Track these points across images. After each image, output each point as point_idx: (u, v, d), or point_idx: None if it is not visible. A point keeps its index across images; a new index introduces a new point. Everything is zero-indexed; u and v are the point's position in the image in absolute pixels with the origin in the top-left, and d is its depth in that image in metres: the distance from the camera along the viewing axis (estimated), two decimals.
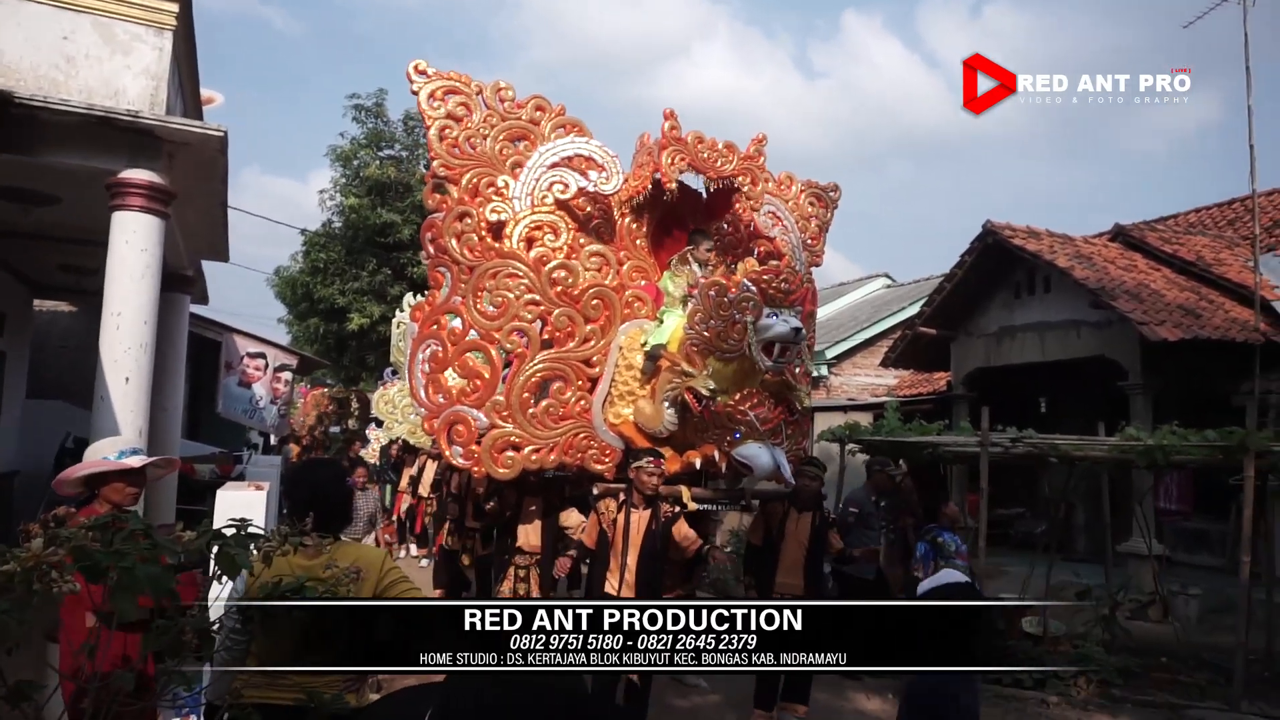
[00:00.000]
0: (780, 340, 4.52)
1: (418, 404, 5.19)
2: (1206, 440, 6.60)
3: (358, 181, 19.74)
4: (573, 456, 5.13)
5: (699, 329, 4.70)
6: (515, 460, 4.94)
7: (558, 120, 5.51)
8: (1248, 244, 11.25)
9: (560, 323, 5.11)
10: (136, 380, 5.13)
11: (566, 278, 5.14)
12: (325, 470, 3.23)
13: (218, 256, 8.33)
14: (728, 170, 5.44)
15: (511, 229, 5.16)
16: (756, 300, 4.51)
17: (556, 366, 5.11)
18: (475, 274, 5.00)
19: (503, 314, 4.99)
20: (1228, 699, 6.20)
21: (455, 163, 5.19)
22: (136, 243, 5.19)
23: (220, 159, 5.60)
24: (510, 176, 5.25)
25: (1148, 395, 9.88)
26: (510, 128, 5.37)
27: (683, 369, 4.81)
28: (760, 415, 4.81)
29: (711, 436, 4.96)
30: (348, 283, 19.43)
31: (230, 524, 1.99)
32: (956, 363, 12.68)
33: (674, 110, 5.30)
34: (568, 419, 5.12)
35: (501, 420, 4.93)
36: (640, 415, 5.12)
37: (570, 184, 5.35)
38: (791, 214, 6.04)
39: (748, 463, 4.84)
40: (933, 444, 8.24)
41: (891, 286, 20.55)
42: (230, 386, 11.65)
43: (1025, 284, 11.65)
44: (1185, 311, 9.94)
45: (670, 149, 5.22)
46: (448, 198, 5.25)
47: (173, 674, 2.06)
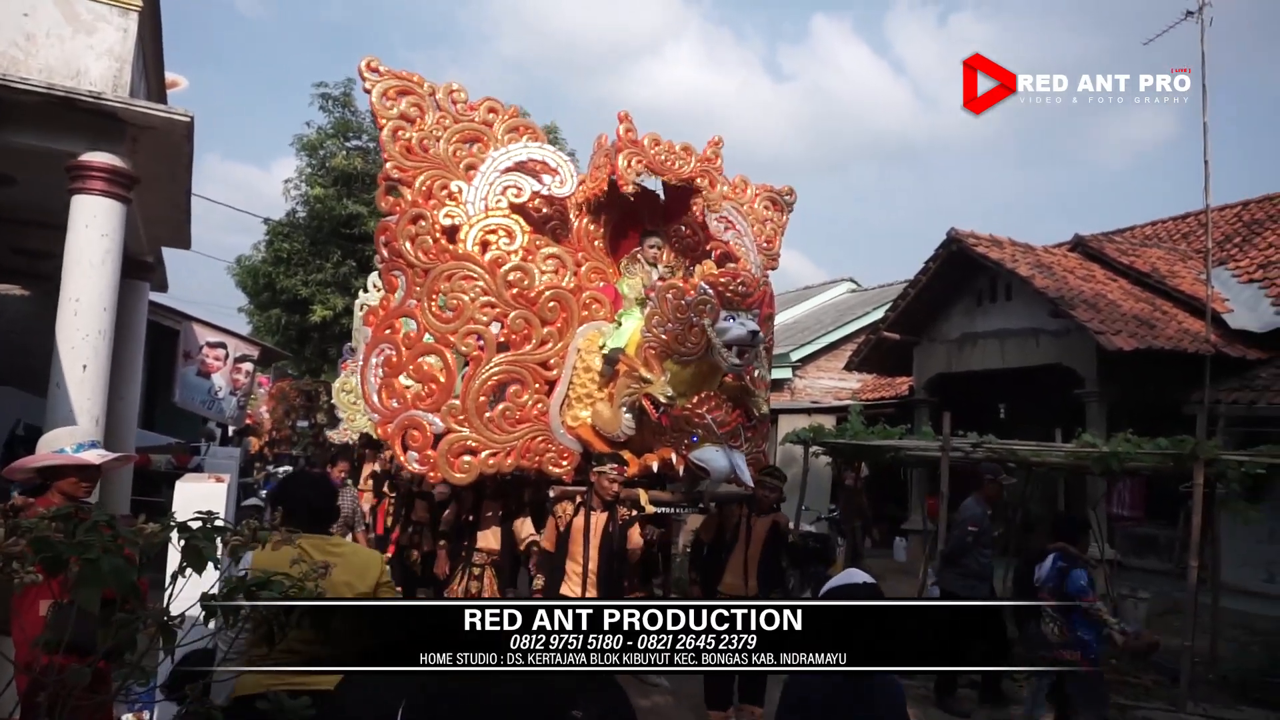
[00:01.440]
0: (737, 343, 4.54)
1: (370, 409, 5.14)
2: (1158, 448, 6.77)
3: (324, 171, 19.47)
4: (530, 460, 5.11)
5: (656, 332, 4.70)
6: (472, 465, 4.91)
7: (510, 122, 5.51)
8: (1201, 257, 11.55)
9: (517, 325, 5.09)
10: (94, 368, 5.01)
11: (522, 279, 5.13)
12: (308, 479, 3.61)
13: (179, 244, 8.18)
14: (685, 172, 5.46)
15: (465, 232, 5.13)
16: (714, 303, 4.53)
17: (513, 369, 5.08)
18: (430, 276, 4.97)
19: (458, 316, 4.96)
20: (1174, 700, 6.37)
21: (409, 165, 5.17)
22: (97, 227, 5.07)
23: (185, 144, 5.50)
24: (464, 180, 5.24)
25: (1103, 403, 10.11)
26: (463, 130, 5.36)
27: (640, 374, 4.80)
28: (717, 419, 4.84)
29: (669, 440, 4.97)
30: (311, 274, 19.15)
31: (196, 516, 1.96)
32: (919, 368, 12.86)
33: (629, 113, 5.32)
34: (525, 422, 5.10)
35: (457, 424, 4.90)
36: (598, 419, 5.11)
37: (524, 188, 5.34)
38: (747, 218, 6.07)
39: (705, 466, 4.84)
40: (895, 448, 8.35)
41: (856, 291, 20.77)
42: (188, 376, 11.42)
43: (987, 292, 11.84)
44: (1140, 322, 10.18)
45: (626, 151, 5.23)
46: (401, 200, 5.21)
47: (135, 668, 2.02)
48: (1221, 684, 6.87)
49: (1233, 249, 12.24)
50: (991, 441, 7.49)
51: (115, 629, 1.93)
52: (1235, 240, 12.48)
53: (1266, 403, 8.97)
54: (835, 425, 10.30)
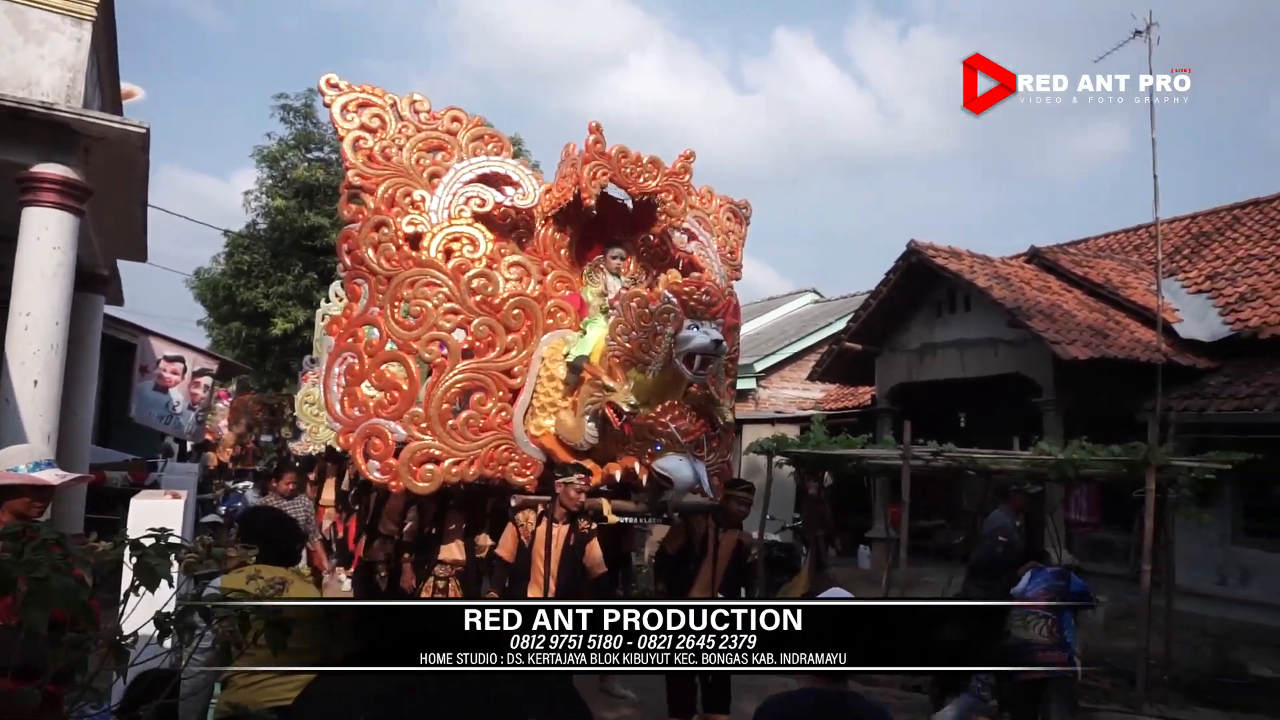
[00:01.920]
0: (701, 352, 4.50)
1: (332, 419, 5.07)
2: (1112, 455, 6.93)
3: (285, 183, 19.26)
4: (494, 469, 5.05)
5: (620, 340, 4.68)
6: (435, 474, 4.85)
7: (475, 132, 5.50)
8: (1151, 268, 11.86)
9: (480, 332, 5.05)
10: (45, 384, 4.91)
11: (486, 286, 5.10)
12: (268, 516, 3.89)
13: (135, 256, 8.04)
14: (650, 186, 5.45)
15: (429, 240, 5.10)
16: (677, 312, 4.50)
17: (477, 377, 5.04)
18: (392, 283, 4.92)
19: (421, 323, 4.91)
20: (1130, 701, 6.50)
21: (371, 172, 5.13)
22: (48, 240, 4.98)
23: (141, 156, 5.42)
24: (427, 189, 5.21)
25: (1059, 411, 10.30)
26: (426, 138, 5.35)
27: (603, 383, 4.77)
28: (681, 428, 4.82)
29: (632, 449, 4.95)
30: (272, 286, 18.91)
31: (149, 533, 1.93)
32: (881, 377, 13.01)
33: (599, 124, 5.28)
34: (488, 430, 5.05)
35: (420, 433, 4.84)
36: (561, 427, 5.08)
37: (488, 199, 5.33)
38: (712, 228, 6.12)
39: (668, 475, 4.82)
40: (857, 457, 8.44)
41: (819, 302, 20.98)
42: (145, 391, 11.20)
43: (946, 302, 12.03)
44: (1094, 332, 10.41)
45: (593, 163, 5.21)
46: (364, 208, 5.16)
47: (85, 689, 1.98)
48: (1175, 685, 7.02)
49: (1182, 260, 12.59)
50: (952, 450, 7.60)
51: (65, 650, 1.90)
52: (1184, 252, 12.83)
53: (1215, 410, 9.23)
54: (799, 435, 10.37)
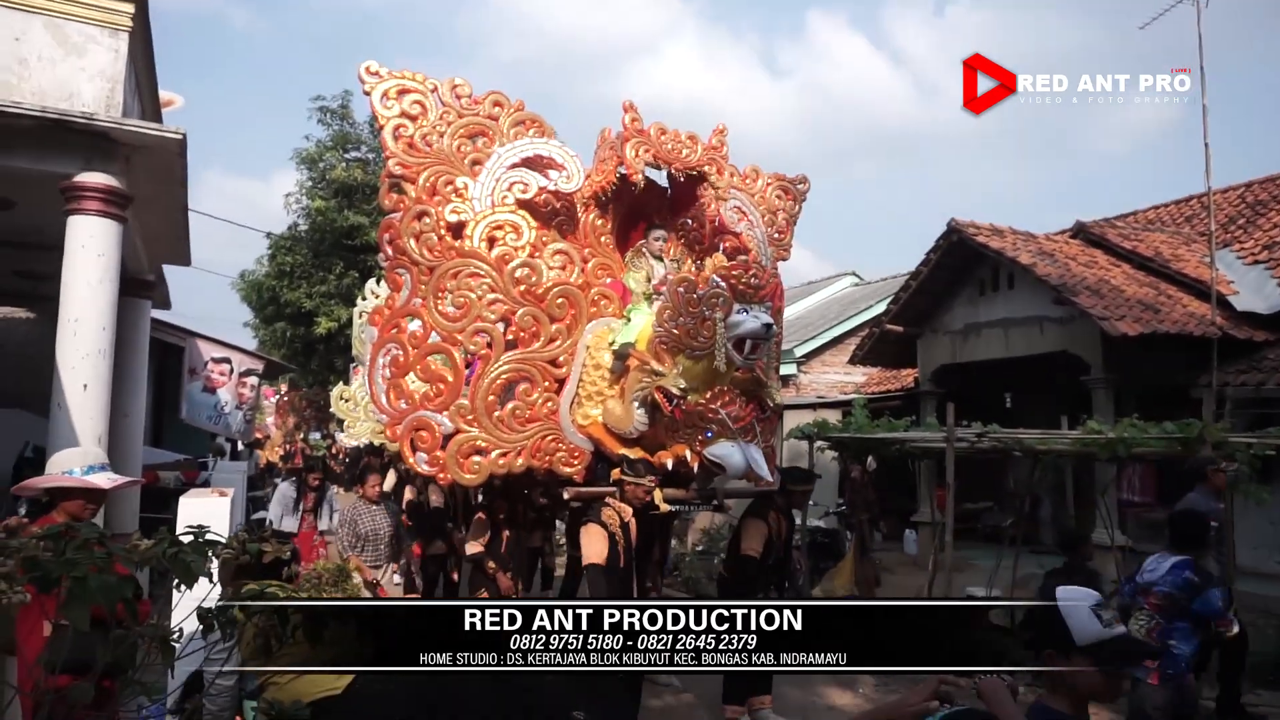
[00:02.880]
0: (751, 336, 4.44)
1: (378, 410, 5.05)
2: (1165, 432, 6.74)
3: (324, 184, 19.56)
4: (540, 460, 5.01)
5: (668, 326, 4.59)
6: (482, 465, 4.82)
7: (516, 116, 5.41)
8: (1204, 240, 11.48)
9: (525, 322, 4.98)
10: (95, 387, 5.04)
11: (530, 276, 5.02)
12: None
13: (179, 260, 8.21)
14: (692, 161, 5.34)
15: (472, 229, 5.03)
16: (726, 296, 4.43)
17: (522, 367, 4.99)
18: (435, 275, 4.88)
19: (465, 315, 4.86)
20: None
21: (412, 161, 5.07)
22: (93, 247, 5.10)
23: (179, 161, 5.52)
24: (469, 176, 5.14)
25: (1109, 389, 10.05)
26: (468, 124, 5.26)
27: (652, 368, 4.69)
28: (731, 413, 4.72)
29: (682, 436, 4.86)
30: (315, 286, 19.25)
31: (187, 531, 1.96)
32: (923, 359, 12.82)
33: (633, 103, 5.20)
34: (535, 421, 5.00)
35: (467, 425, 4.81)
36: (609, 416, 5.01)
37: (531, 184, 5.24)
38: (758, 208, 5.98)
39: (720, 462, 4.74)
40: (900, 440, 8.33)
41: (859, 284, 20.74)
42: (194, 392, 11.45)
43: (989, 281, 11.80)
44: (1144, 306, 10.12)
45: (634, 141, 5.12)
46: (405, 197, 5.12)
47: (133, 684, 2.03)
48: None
49: (1237, 231, 12.17)
50: (997, 431, 7.46)
51: (112, 646, 1.94)
52: (1239, 222, 12.40)
53: (1275, 384, 8.90)
54: (841, 419, 10.27)
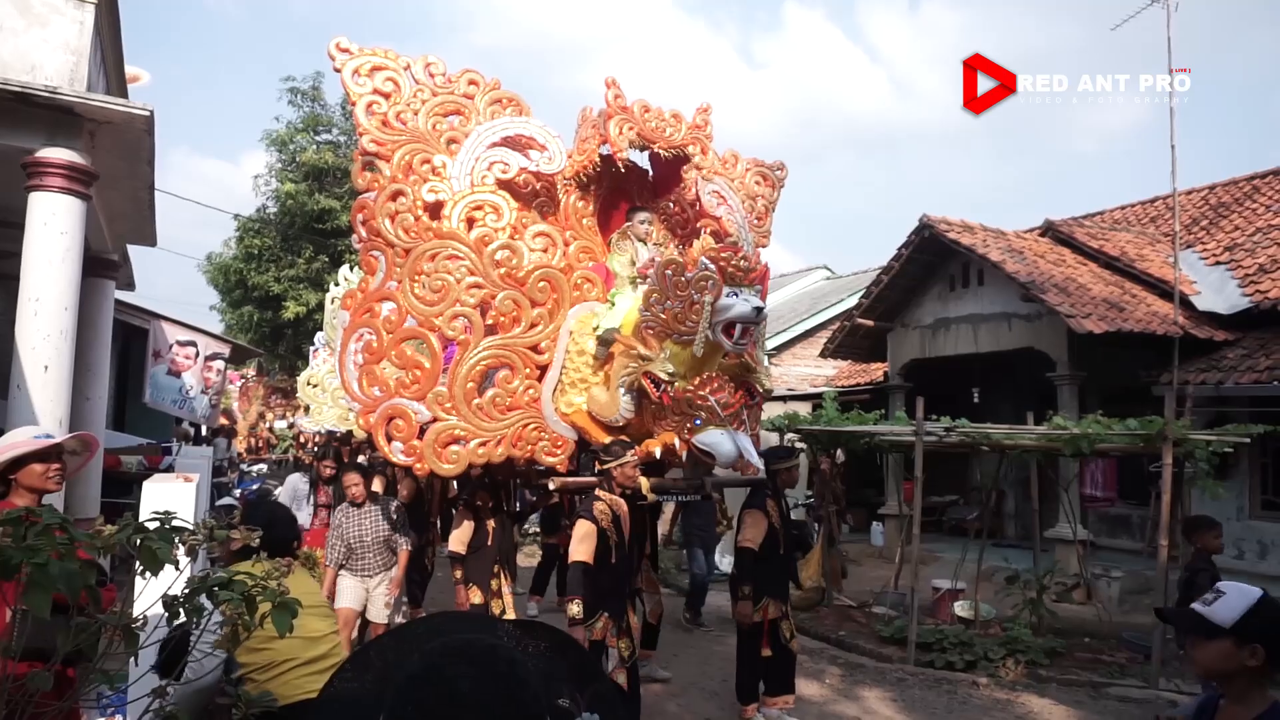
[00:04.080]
0: (741, 320, 4.31)
1: (350, 398, 4.87)
2: (1128, 429, 6.87)
3: (294, 166, 19.29)
4: (522, 449, 4.87)
5: (655, 310, 4.44)
6: (460, 455, 4.67)
7: (493, 95, 5.27)
8: (1169, 240, 11.69)
9: (505, 307, 4.82)
10: (56, 369, 4.92)
11: (511, 258, 4.86)
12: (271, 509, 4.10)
13: (144, 241, 8.04)
14: (677, 140, 5.21)
15: (450, 209, 4.86)
16: (716, 279, 4.31)
17: (502, 353, 4.82)
18: (412, 256, 4.72)
19: (443, 298, 4.69)
20: (1145, 676, 6.47)
21: (386, 138, 4.90)
22: (55, 225, 4.97)
23: (146, 139, 5.40)
24: (446, 154, 4.99)
25: (1074, 385, 10.22)
26: (442, 102, 5.11)
27: (639, 352, 4.53)
28: (721, 400, 4.56)
29: (670, 424, 4.67)
30: (283, 270, 19.01)
31: (153, 517, 1.92)
32: (893, 354, 12.93)
33: (616, 78, 5.05)
34: (516, 409, 4.85)
35: (444, 413, 4.65)
36: (594, 403, 4.86)
37: (511, 164, 5.08)
38: (738, 193, 5.86)
39: (710, 450, 4.54)
40: (870, 433, 8.40)
41: (831, 278, 20.84)
42: (158, 375, 11.24)
43: (960, 277, 11.92)
44: (1110, 305, 10.29)
45: (618, 118, 4.97)
46: (379, 177, 4.93)
47: (96, 672, 1.99)
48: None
49: (1200, 232, 12.40)
50: (965, 425, 7.55)
51: (74, 634, 1.90)
52: (1202, 223, 12.64)
53: (1234, 383, 9.10)
54: (811, 412, 10.33)
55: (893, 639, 7.42)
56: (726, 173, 5.88)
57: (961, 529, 11.55)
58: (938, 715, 5.82)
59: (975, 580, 8.10)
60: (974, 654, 6.85)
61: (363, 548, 5.76)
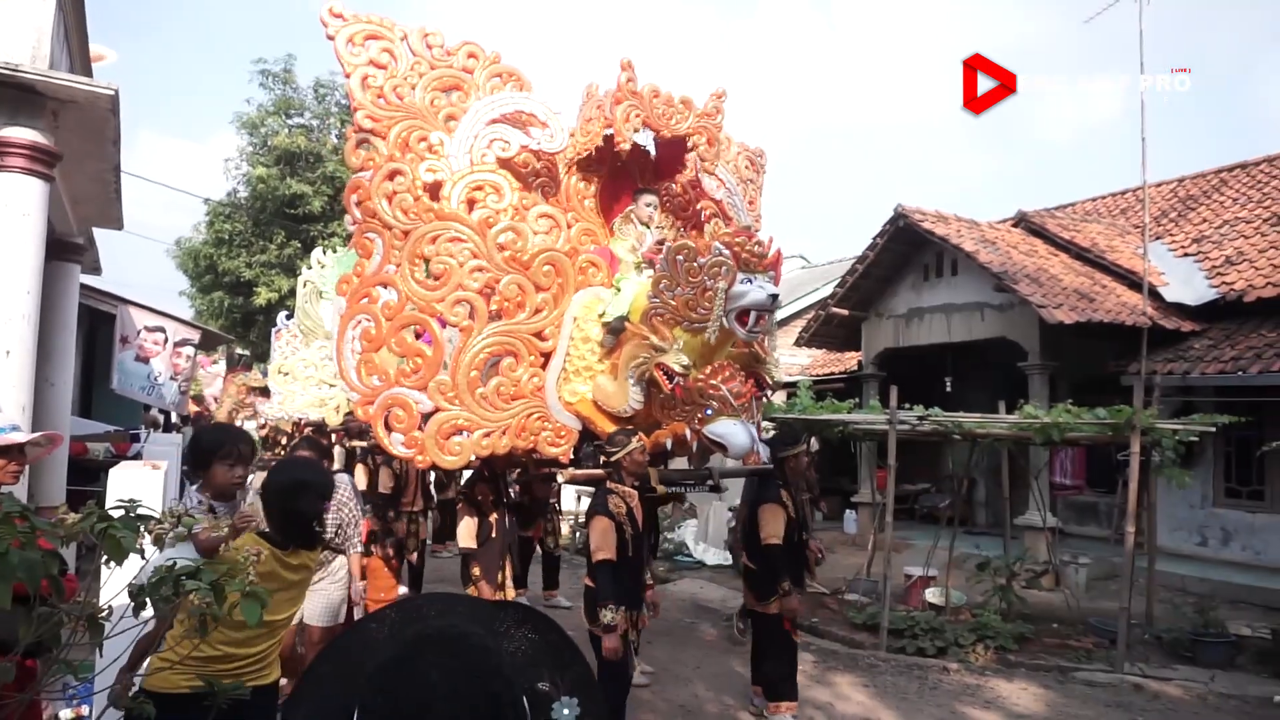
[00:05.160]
0: (757, 308, 4.17)
1: (348, 387, 4.62)
2: (1097, 418, 6.97)
3: (265, 150, 19.00)
4: (525, 440, 4.64)
5: (665, 297, 4.27)
6: (464, 446, 4.45)
7: (493, 69, 5.02)
8: (1138, 232, 11.85)
9: (510, 292, 4.58)
10: (19, 354, 4.81)
11: (515, 241, 4.63)
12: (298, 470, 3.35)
13: (111, 224, 7.87)
14: (682, 130, 5.06)
15: (449, 190, 4.63)
16: (730, 265, 4.16)
17: (507, 341, 4.60)
18: (411, 239, 4.49)
19: (445, 284, 4.48)
20: (1111, 660, 6.59)
21: (382, 114, 4.63)
22: (17, 207, 4.85)
23: (111, 119, 5.28)
24: (444, 132, 4.75)
25: (1045, 375, 10.35)
26: (441, 76, 4.86)
27: (653, 342, 4.34)
28: (733, 389, 4.40)
29: (680, 414, 4.49)
30: (255, 255, 18.74)
31: (119, 505, 1.88)
32: (867, 343, 13.02)
33: (631, 60, 4.84)
34: (520, 398, 4.63)
35: (447, 403, 4.44)
36: (600, 393, 4.65)
37: (512, 141, 4.84)
38: (732, 176, 5.76)
39: (722, 441, 4.37)
40: (843, 421, 8.45)
41: (806, 267, 20.94)
42: (126, 361, 11.04)
43: (934, 267, 12.01)
44: (1080, 295, 10.42)
45: (626, 103, 4.80)
46: (374, 154, 4.68)
47: (58, 663, 1.95)
48: (1156, 644, 7.12)
49: (1169, 224, 12.58)
50: (937, 414, 7.62)
51: (36, 624, 1.86)
52: (1171, 215, 12.83)
53: (1200, 373, 9.26)
54: (785, 400, 10.38)
55: (865, 626, 7.49)
56: (722, 156, 5.69)
57: (933, 516, 11.69)
58: (909, 700, 5.89)
59: (946, 567, 8.19)
60: (945, 640, 6.94)
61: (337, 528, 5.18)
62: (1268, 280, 9.86)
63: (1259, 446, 8.32)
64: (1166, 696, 6.05)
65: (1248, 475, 9.50)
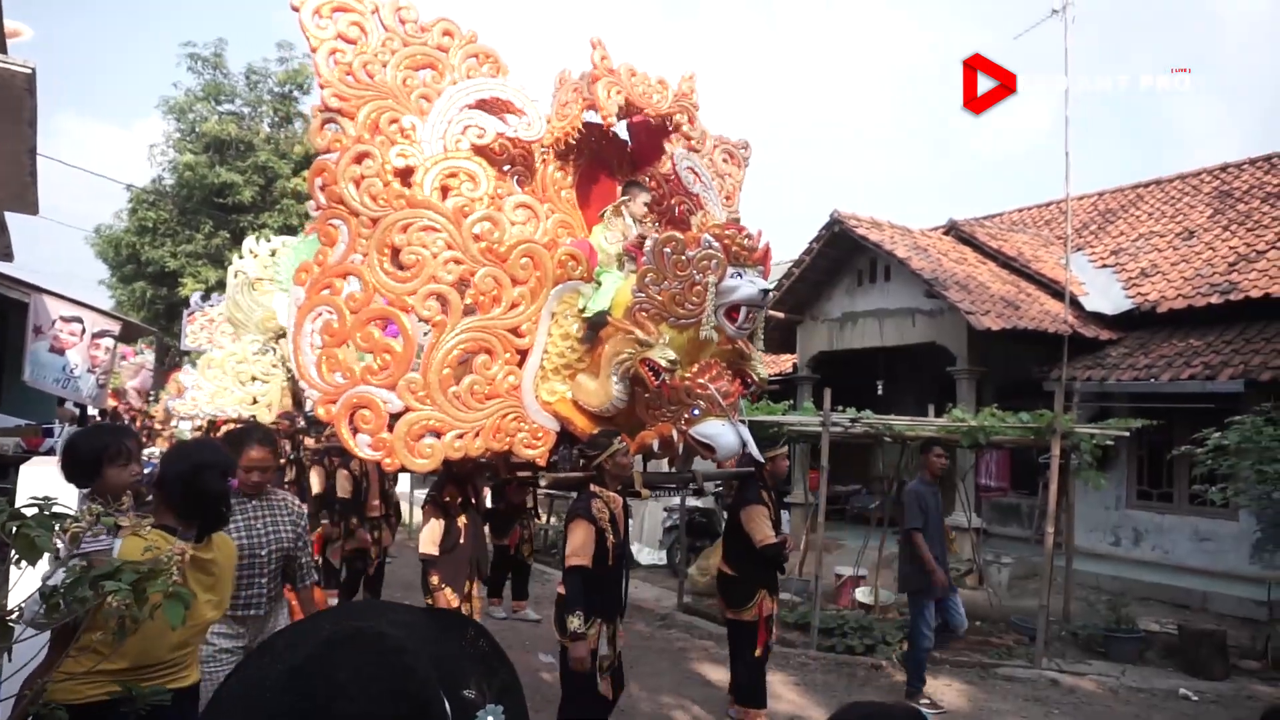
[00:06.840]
0: (747, 303, 4.05)
1: (308, 385, 4.32)
2: (1020, 422, 7.21)
3: (193, 137, 18.40)
4: (500, 441, 4.38)
5: (650, 291, 4.12)
6: (436, 448, 4.19)
7: (470, 49, 4.77)
8: (1061, 243, 12.29)
9: (485, 285, 4.34)
10: None
11: (492, 231, 4.39)
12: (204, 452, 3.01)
13: (25, 209, 7.52)
14: (663, 108, 4.90)
15: (421, 176, 4.38)
16: (721, 258, 4.00)
17: (481, 336, 4.35)
18: (380, 227, 4.22)
19: (416, 275, 4.22)
20: (1030, 656, 6.82)
21: (350, 92, 4.35)
22: None
23: (28, 99, 5.05)
24: (416, 114, 4.50)
25: (973, 379, 10.66)
26: (413, 54, 4.59)
27: (638, 337, 4.15)
28: (721, 389, 4.24)
29: (666, 414, 4.31)
30: (180, 245, 18.15)
31: (31, 502, 1.80)
32: (802, 346, 13.22)
33: (601, 39, 4.70)
34: (495, 398, 4.38)
35: (418, 402, 4.16)
36: (580, 391, 4.47)
37: (488, 128, 4.62)
38: (708, 170, 5.60)
39: (710, 442, 4.22)
40: (777, 423, 8.57)
41: None
42: (39, 353, 10.54)
43: (867, 272, 12.26)
44: (1007, 303, 10.77)
45: (605, 80, 4.63)
46: (342, 135, 4.38)
47: None
48: (1073, 640, 7.41)
49: (1089, 236, 13.10)
50: (869, 416, 7.78)
51: None
52: (1091, 228, 13.36)
53: (1116, 380, 9.67)
54: None
55: (796, 624, 7.61)
56: (698, 148, 5.57)
57: (864, 517, 11.93)
58: (838, 697, 6.00)
59: (876, 567, 8.37)
60: (873, 638, 7.10)
61: (253, 567, 3.37)
62: (1178, 292, 10.34)
63: (1169, 451, 8.71)
64: (1081, 690, 6.29)
65: (1158, 478, 9.94)
